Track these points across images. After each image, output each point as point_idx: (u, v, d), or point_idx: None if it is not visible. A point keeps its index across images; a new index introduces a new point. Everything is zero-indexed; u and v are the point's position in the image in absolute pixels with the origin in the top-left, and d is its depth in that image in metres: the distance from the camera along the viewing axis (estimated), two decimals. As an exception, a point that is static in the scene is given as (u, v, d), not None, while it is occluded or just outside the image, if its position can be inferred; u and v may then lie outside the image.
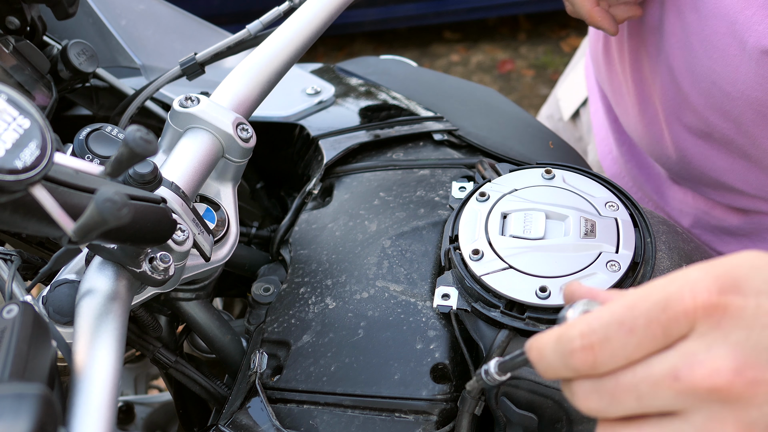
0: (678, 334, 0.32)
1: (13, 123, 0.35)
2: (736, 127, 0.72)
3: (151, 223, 0.44)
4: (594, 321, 0.34)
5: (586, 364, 0.33)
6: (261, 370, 0.60)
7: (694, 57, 0.72)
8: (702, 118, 0.75)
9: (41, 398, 0.30)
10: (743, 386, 0.31)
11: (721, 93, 0.71)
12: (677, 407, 0.32)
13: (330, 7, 0.68)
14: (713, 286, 0.32)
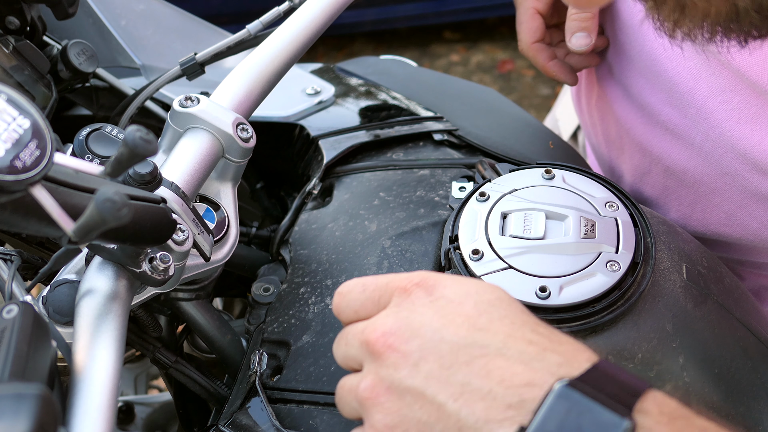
0: (384, 303, 0.43)
1: (13, 123, 0.35)
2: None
3: (151, 223, 0.44)
4: (353, 281, 0.46)
5: (336, 307, 0.46)
6: (261, 370, 0.60)
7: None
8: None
9: (41, 398, 0.30)
10: (382, 347, 0.40)
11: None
12: (361, 357, 0.42)
13: (330, 7, 0.68)
14: (416, 279, 0.42)
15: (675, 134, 0.68)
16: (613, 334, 0.52)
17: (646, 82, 0.70)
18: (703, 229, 0.72)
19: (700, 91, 0.64)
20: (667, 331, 0.53)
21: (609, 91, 0.77)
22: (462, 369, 0.37)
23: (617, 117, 0.76)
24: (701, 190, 0.69)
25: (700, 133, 0.65)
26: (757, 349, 0.58)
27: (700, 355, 0.54)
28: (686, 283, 0.57)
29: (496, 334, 0.38)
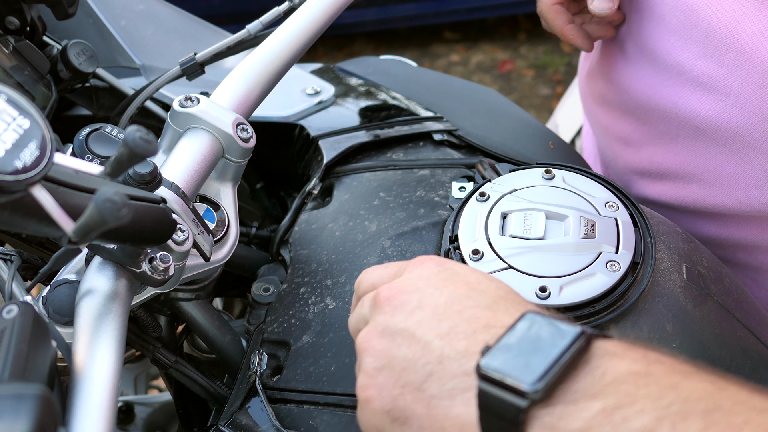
0: (399, 275, 0.46)
1: (12, 123, 0.35)
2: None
3: (150, 223, 0.44)
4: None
5: (357, 282, 0.50)
6: (261, 370, 0.60)
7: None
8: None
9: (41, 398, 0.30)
10: (384, 299, 0.44)
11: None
12: (368, 314, 0.45)
13: (330, 7, 0.68)
14: (431, 256, 0.48)
15: (708, 88, 0.67)
16: (613, 334, 0.52)
17: (678, 39, 0.69)
18: (726, 199, 0.71)
19: (741, 32, 0.63)
20: (667, 331, 0.53)
21: (630, 61, 0.77)
22: (453, 316, 0.41)
23: (639, 86, 0.76)
24: (735, 146, 0.68)
25: (738, 79, 0.65)
26: (757, 349, 0.58)
27: (700, 355, 0.54)
28: (686, 283, 0.57)
29: (490, 296, 0.42)
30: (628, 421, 0.32)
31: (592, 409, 0.34)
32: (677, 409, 0.32)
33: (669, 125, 0.73)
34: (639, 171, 0.81)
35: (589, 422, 0.33)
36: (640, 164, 0.80)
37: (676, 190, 0.76)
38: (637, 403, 0.33)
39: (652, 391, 0.33)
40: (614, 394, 0.34)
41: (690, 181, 0.74)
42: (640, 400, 0.33)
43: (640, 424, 0.32)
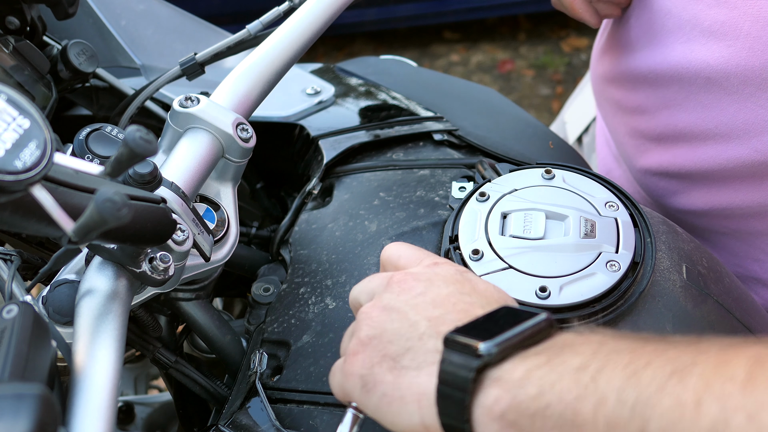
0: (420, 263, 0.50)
1: (12, 123, 0.35)
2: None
3: (150, 223, 0.44)
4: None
5: (384, 252, 0.53)
6: (261, 370, 0.60)
7: None
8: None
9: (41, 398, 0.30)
10: (396, 282, 0.47)
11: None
12: (377, 291, 0.48)
13: (330, 7, 0.68)
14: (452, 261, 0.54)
15: (719, 35, 0.68)
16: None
17: None
18: (742, 150, 0.70)
19: None
20: (667, 331, 0.53)
21: (643, 27, 0.78)
22: (447, 306, 0.44)
23: (651, 51, 0.77)
24: (746, 92, 0.68)
25: (749, 18, 0.65)
26: (757, 349, 0.58)
27: (700, 355, 0.54)
28: (686, 283, 0.57)
29: (489, 300, 0.46)
30: (566, 362, 0.36)
31: (536, 360, 0.37)
32: (611, 347, 0.36)
33: (681, 84, 0.73)
34: (654, 137, 0.81)
35: (530, 370, 0.37)
36: (656, 130, 0.80)
37: (692, 152, 0.76)
38: (575, 349, 0.37)
39: (592, 341, 0.37)
40: (557, 349, 0.38)
41: (705, 138, 0.74)
42: (579, 347, 0.37)
43: (576, 363, 0.36)
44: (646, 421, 0.32)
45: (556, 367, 0.36)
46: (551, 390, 0.35)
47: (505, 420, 0.37)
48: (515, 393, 0.36)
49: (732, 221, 0.77)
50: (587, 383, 0.34)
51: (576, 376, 0.35)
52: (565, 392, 0.35)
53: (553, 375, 0.36)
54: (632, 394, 0.33)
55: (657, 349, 0.35)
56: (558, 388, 0.35)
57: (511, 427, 0.36)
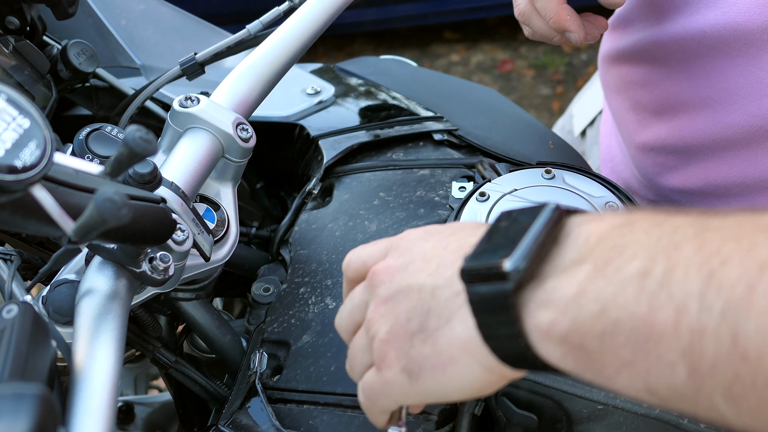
0: (388, 249, 0.45)
1: (12, 123, 0.35)
2: None
3: (150, 223, 0.44)
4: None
5: (346, 261, 0.48)
6: (261, 370, 0.60)
7: None
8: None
9: (41, 398, 0.30)
10: (380, 272, 0.43)
11: None
12: (367, 298, 0.44)
13: (330, 7, 0.68)
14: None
15: (718, 1, 0.68)
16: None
17: None
18: (741, 116, 0.70)
19: None
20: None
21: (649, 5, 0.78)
22: (439, 254, 0.41)
23: (653, 25, 0.77)
24: (746, 55, 0.67)
25: None
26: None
27: (700, 355, 0.54)
28: (686, 283, 0.57)
29: (471, 227, 0.42)
30: (622, 269, 0.31)
31: (583, 271, 0.33)
32: (667, 241, 0.31)
33: (683, 54, 0.73)
34: (655, 110, 0.80)
35: (582, 284, 0.32)
36: (656, 102, 0.80)
37: (690, 122, 0.75)
38: (626, 251, 0.32)
39: (638, 235, 0.32)
40: (601, 252, 0.33)
41: (704, 106, 0.73)
42: (629, 247, 0.32)
43: (634, 268, 0.31)
44: (739, 325, 0.28)
45: (612, 276, 0.31)
46: (615, 303, 0.31)
47: (569, 343, 0.33)
48: (574, 314, 0.32)
49: (727, 200, 0.76)
50: (656, 291, 0.30)
51: (640, 284, 0.30)
52: (632, 304, 0.30)
53: (612, 286, 0.31)
54: (718, 298, 0.28)
55: (725, 238, 0.30)
56: (622, 301, 0.31)
57: (578, 350, 0.32)
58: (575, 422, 0.53)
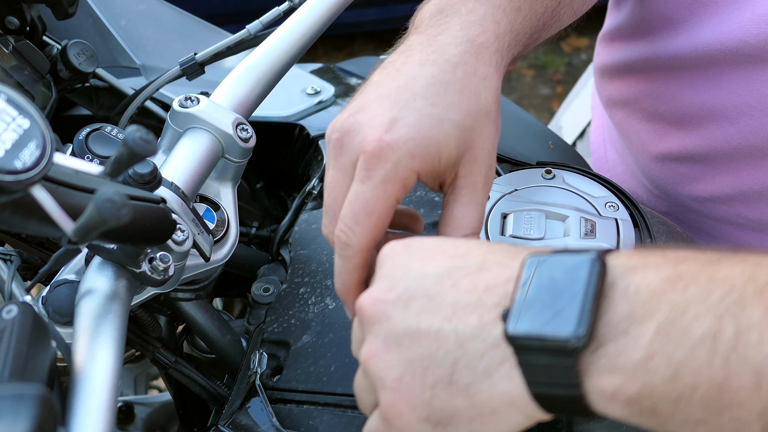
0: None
1: (12, 123, 0.35)
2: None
3: (150, 223, 0.44)
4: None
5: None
6: (261, 370, 0.60)
7: None
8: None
9: (41, 399, 0.30)
10: (370, 309, 0.40)
11: None
12: (362, 335, 0.42)
13: (330, 7, 0.68)
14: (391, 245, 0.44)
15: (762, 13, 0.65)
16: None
17: None
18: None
19: None
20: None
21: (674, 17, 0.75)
22: (449, 293, 0.38)
23: (675, 33, 0.74)
24: None
25: None
26: (757, 349, 0.58)
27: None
28: (686, 283, 0.57)
29: (475, 256, 0.39)
30: (689, 331, 0.30)
31: (647, 333, 0.31)
32: (730, 300, 0.30)
33: (713, 63, 0.70)
34: (677, 120, 0.77)
35: (649, 348, 0.31)
36: (678, 112, 0.76)
37: (722, 129, 0.73)
38: (688, 310, 0.31)
39: (694, 292, 0.31)
40: (660, 310, 0.31)
41: (739, 114, 0.70)
42: (690, 306, 0.31)
43: (702, 330, 0.30)
44: None
45: (680, 338, 0.30)
46: (687, 368, 0.30)
47: (639, 405, 0.32)
48: (645, 380, 0.31)
49: (753, 205, 0.74)
50: (729, 355, 0.29)
51: (712, 348, 0.30)
52: (706, 369, 0.30)
53: (682, 350, 0.30)
54: None
55: None
56: (695, 365, 0.30)
57: (649, 411, 0.32)
58: (575, 422, 0.53)
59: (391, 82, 0.47)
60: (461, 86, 0.46)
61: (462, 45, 0.48)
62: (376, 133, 0.44)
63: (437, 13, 0.51)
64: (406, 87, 0.46)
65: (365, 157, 0.44)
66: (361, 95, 0.48)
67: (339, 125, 0.47)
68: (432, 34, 0.50)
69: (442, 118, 0.45)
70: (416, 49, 0.49)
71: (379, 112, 0.45)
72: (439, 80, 0.46)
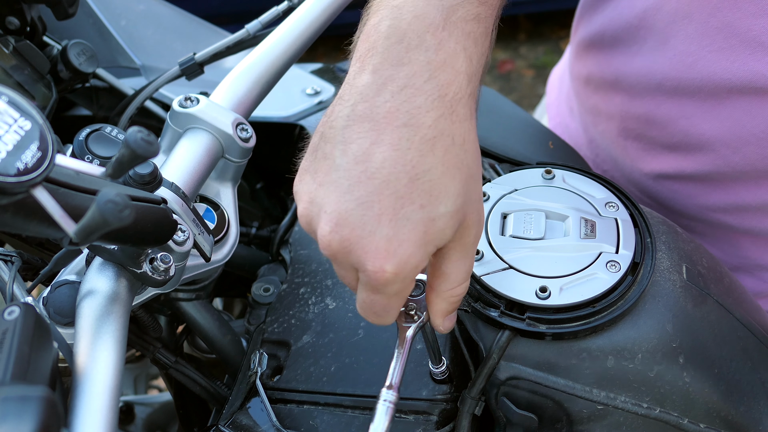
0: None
1: (14, 125, 0.35)
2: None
3: (151, 224, 0.44)
4: None
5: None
6: (261, 370, 0.60)
7: None
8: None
9: (44, 400, 0.30)
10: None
11: None
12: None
13: (329, 7, 0.68)
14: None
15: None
16: (613, 334, 0.52)
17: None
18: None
19: None
20: (667, 331, 0.53)
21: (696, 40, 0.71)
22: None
23: (667, 56, 0.72)
24: None
25: None
26: (757, 349, 0.58)
27: (700, 355, 0.54)
28: (686, 283, 0.57)
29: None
30: None
31: None
32: None
33: (714, 94, 0.69)
34: (671, 145, 0.75)
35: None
36: (672, 139, 0.74)
37: (724, 158, 0.71)
38: None
39: None
40: None
41: (744, 144, 0.69)
42: None
43: None
44: None
45: None
46: None
47: None
48: None
49: (748, 217, 0.74)
50: None
51: None
52: None
53: None
54: None
55: None
56: None
57: None
58: (575, 422, 0.53)
59: (368, 179, 0.41)
60: (444, 167, 0.42)
61: (434, 107, 0.42)
62: (376, 261, 0.41)
63: (397, 42, 0.44)
64: (387, 187, 0.41)
65: (370, 282, 0.43)
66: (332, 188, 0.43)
67: (326, 242, 0.43)
68: (394, 82, 0.43)
69: (434, 218, 0.42)
70: (382, 117, 0.42)
71: (369, 230, 0.41)
72: (420, 170, 0.41)
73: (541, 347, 0.52)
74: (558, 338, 0.52)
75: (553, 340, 0.52)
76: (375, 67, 0.44)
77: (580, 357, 0.52)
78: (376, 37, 0.45)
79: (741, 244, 0.78)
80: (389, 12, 0.45)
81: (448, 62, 0.43)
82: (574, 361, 0.52)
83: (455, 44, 0.44)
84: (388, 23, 0.45)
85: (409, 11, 0.44)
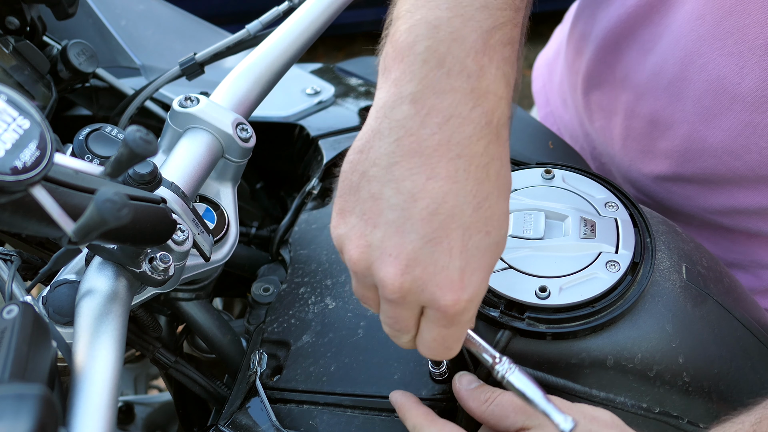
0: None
1: (13, 123, 0.35)
2: None
3: (151, 223, 0.44)
4: None
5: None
6: (261, 370, 0.60)
7: None
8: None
9: (42, 399, 0.30)
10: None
11: None
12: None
13: (330, 7, 0.68)
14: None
15: None
16: (613, 334, 0.52)
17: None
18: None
19: None
20: (667, 331, 0.53)
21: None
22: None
23: (675, 56, 0.72)
24: None
25: None
26: (756, 349, 0.58)
27: (699, 355, 0.54)
28: (686, 283, 0.57)
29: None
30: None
31: None
32: None
33: (724, 99, 0.68)
34: (674, 151, 0.75)
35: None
36: (674, 143, 0.75)
37: (728, 163, 0.71)
38: None
39: None
40: None
41: (746, 153, 0.69)
42: None
43: None
44: None
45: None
46: None
47: None
48: None
49: (746, 218, 0.74)
50: None
51: None
52: None
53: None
54: None
55: None
56: None
57: None
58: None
59: (430, 215, 0.41)
60: (498, 191, 0.42)
61: (483, 135, 0.42)
62: (451, 295, 0.41)
63: (437, 67, 0.42)
64: (453, 220, 0.41)
65: (446, 316, 0.42)
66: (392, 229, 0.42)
67: (397, 285, 0.42)
68: (440, 113, 0.42)
69: (499, 242, 0.43)
70: (433, 150, 0.41)
71: (441, 266, 0.41)
72: (480, 198, 0.41)
73: (541, 347, 0.52)
74: (558, 338, 0.52)
75: (553, 339, 0.52)
76: (414, 97, 0.42)
77: (580, 357, 0.52)
78: (412, 59, 0.43)
79: (737, 240, 0.78)
80: (426, 31, 0.43)
81: (491, 89, 0.42)
82: (573, 360, 0.52)
83: (496, 70, 0.43)
84: (425, 45, 0.43)
85: (446, 32, 0.43)
